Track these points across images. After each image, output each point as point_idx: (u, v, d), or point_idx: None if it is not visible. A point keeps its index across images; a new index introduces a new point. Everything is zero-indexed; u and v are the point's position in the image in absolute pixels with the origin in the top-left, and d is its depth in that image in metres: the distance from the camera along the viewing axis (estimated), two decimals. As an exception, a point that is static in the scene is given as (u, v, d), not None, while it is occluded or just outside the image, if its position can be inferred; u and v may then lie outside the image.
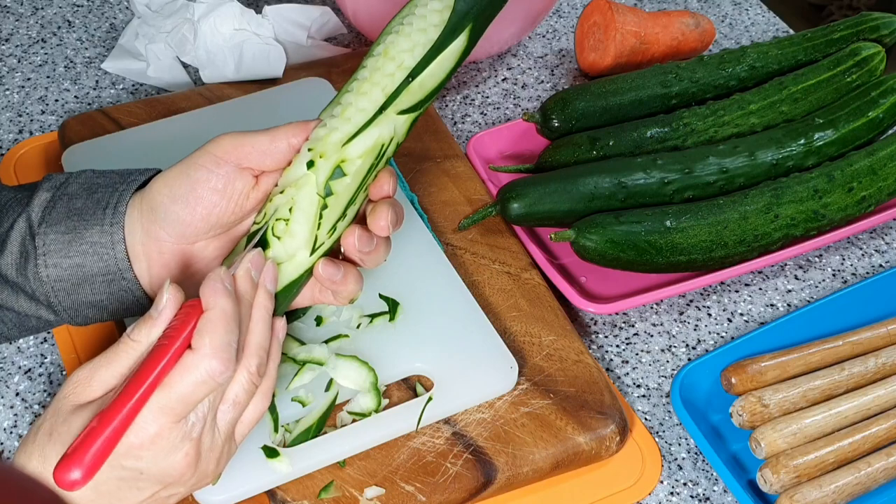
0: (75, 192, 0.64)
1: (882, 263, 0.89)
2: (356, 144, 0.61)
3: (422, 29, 0.62)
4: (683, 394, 0.75)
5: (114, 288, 0.63)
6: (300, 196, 0.61)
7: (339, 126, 0.61)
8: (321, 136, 0.61)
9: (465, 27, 0.63)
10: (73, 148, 0.85)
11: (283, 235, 0.61)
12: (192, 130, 0.87)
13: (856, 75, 0.91)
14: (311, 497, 0.67)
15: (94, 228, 0.62)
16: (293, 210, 0.61)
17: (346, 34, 1.05)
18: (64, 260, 0.62)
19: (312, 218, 0.61)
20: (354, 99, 0.62)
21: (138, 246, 0.62)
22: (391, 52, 0.62)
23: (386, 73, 0.62)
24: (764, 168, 0.85)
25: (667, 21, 1.00)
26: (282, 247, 0.61)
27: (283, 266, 0.61)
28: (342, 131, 0.61)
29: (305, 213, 0.61)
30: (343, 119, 0.62)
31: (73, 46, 1.03)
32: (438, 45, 0.62)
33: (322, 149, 0.61)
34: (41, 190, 0.64)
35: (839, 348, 0.78)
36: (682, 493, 0.73)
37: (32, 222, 0.63)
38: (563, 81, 1.03)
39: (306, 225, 0.61)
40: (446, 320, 0.74)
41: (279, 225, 0.61)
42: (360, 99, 0.62)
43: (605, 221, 0.80)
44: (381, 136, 0.62)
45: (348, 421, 0.69)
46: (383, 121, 0.62)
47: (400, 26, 0.63)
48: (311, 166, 0.61)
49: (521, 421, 0.71)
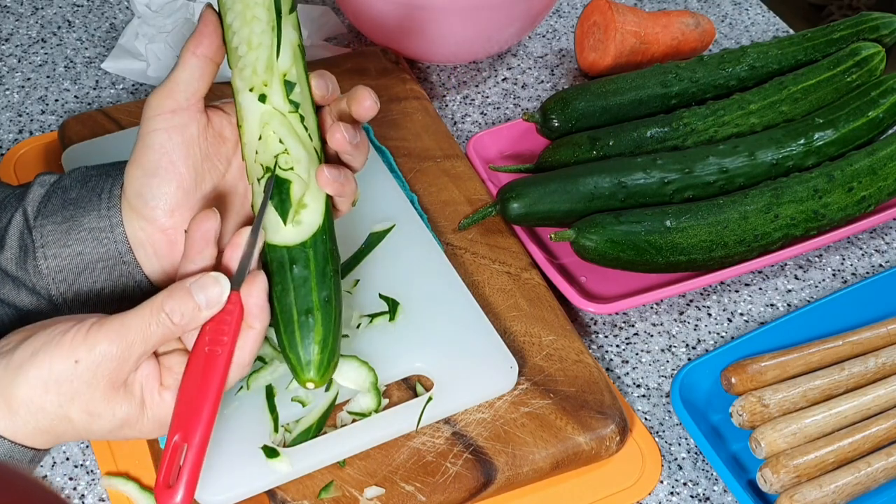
0: (69, 184, 0.64)
1: (882, 263, 0.89)
2: (282, 56, 0.61)
3: None
4: (683, 394, 0.75)
5: (114, 274, 0.63)
6: (277, 126, 0.61)
7: (257, 55, 0.61)
8: (247, 74, 0.61)
9: None
10: (73, 148, 0.85)
11: (293, 164, 0.61)
12: (192, 130, 0.87)
13: (856, 75, 0.91)
14: (311, 497, 0.67)
15: (91, 214, 0.62)
16: (284, 140, 0.61)
17: (346, 34, 1.05)
18: (63, 249, 0.62)
19: (301, 134, 0.62)
20: (247, 31, 0.61)
21: (140, 233, 0.62)
22: None
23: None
24: (764, 168, 0.85)
25: (667, 21, 1.00)
26: (297, 176, 0.61)
27: (308, 193, 0.62)
28: (262, 56, 0.61)
29: (292, 135, 0.61)
30: (252, 48, 0.61)
31: (73, 46, 1.03)
32: None
33: (258, 80, 0.61)
34: (35, 186, 0.64)
35: (839, 348, 0.78)
36: (682, 493, 0.73)
37: (28, 216, 0.63)
38: (563, 81, 1.03)
39: (300, 143, 0.62)
40: (446, 320, 0.74)
41: (283, 158, 0.61)
42: (251, 26, 0.61)
43: (605, 221, 0.80)
44: (291, 39, 0.62)
45: (348, 421, 0.69)
46: (284, 27, 0.62)
47: None
48: (264, 99, 0.61)
49: (521, 421, 0.71)
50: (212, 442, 0.66)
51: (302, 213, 0.62)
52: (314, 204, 0.62)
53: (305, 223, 0.61)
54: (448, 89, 1.01)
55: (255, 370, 0.70)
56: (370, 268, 0.78)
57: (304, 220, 0.62)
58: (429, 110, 0.93)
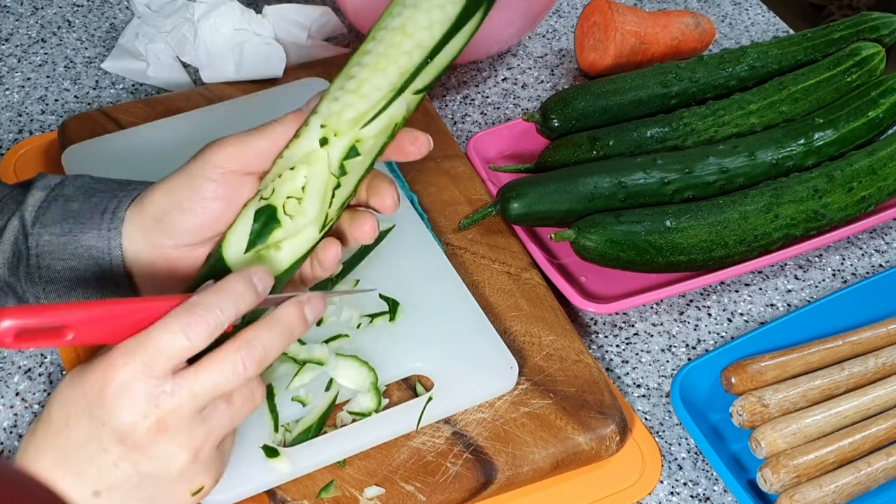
0: (72, 194, 0.63)
1: (882, 263, 0.89)
2: (373, 125, 0.59)
3: (439, 5, 0.59)
4: (683, 394, 0.75)
5: (106, 294, 0.62)
6: (313, 174, 0.59)
7: (353, 103, 0.59)
8: (334, 111, 0.59)
9: (482, 4, 0.60)
10: (73, 148, 0.85)
11: (295, 214, 0.59)
12: (192, 130, 0.87)
13: (856, 75, 0.91)
14: (311, 497, 0.67)
15: (90, 232, 0.61)
16: (306, 188, 0.59)
17: (346, 34, 1.05)
18: (57, 262, 0.61)
19: (325, 197, 0.59)
20: (370, 75, 0.59)
21: (142, 255, 0.61)
22: (409, 28, 0.59)
23: (403, 49, 0.59)
24: (764, 168, 0.85)
25: (667, 21, 1.00)
26: (292, 224, 0.59)
27: (289, 241, 0.60)
28: (356, 109, 0.59)
29: (318, 192, 0.59)
30: (358, 95, 0.59)
31: (73, 46, 1.03)
32: (457, 23, 0.59)
33: (336, 126, 0.59)
34: (35, 189, 0.63)
35: (839, 348, 0.78)
36: (682, 493, 0.73)
37: (25, 222, 0.62)
38: (563, 81, 1.03)
39: (318, 203, 0.59)
40: (446, 320, 0.74)
41: (291, 203, 0.59)
42: (375, 75, 0.59)
43: (605, 221, 0.80)
44: (395, 115, 0.59)
45: (348, 421, 0.69)
46: (400, 100, 0.59)
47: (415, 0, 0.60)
48: (325, 144, 0.59)
49: (521, 421, 0.71)
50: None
51: (270, 253, 0.60)
52: (286, 253, 0.60)
53: (266, 262, 0.60)
54: (448, 89, 1.01)
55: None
56: (370, 268, 0.78)
57: (267, 259, 0.60)
58: (429, 110, 0.93)
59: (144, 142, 0.86)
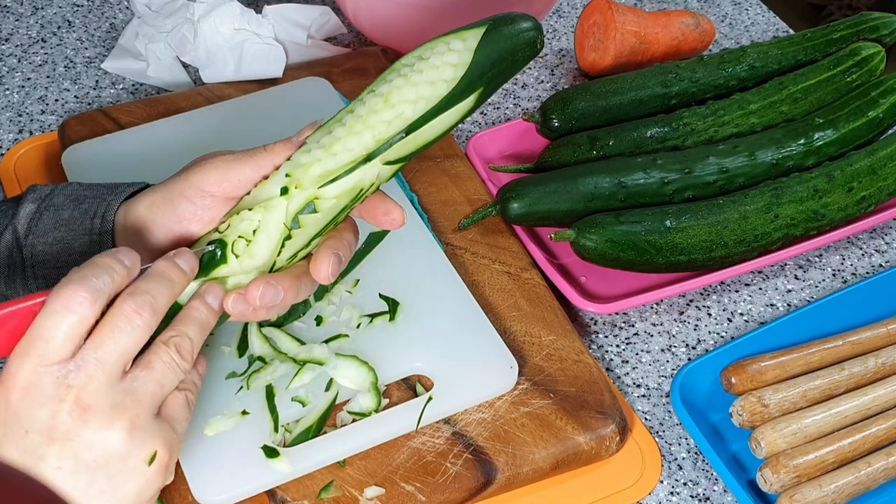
0: (62, 203, 0.64)
1: (882, 263, 0.89)
2: (335, 185, 0.58)
3: (431, 81, 0.58)
4: (683, 394, 0.75)
5: None
6: (267, 220, 0.58)
7: (322, 159, 0.58)
8: (302, 163, 0.59)
9: (476, 89, 0.59)
10: (73, 148, 0.85)
11: (243, 255, 0.59)
12: (192, 130, 0.87)
13: (856, 75, 0.91)
14: (311, 497, 0.67)
15: (82, 238, 0.62)
16: (257, 232, 0.58)
17: (346, 34, 1.05)
18: (52, 271, 0.62)
19: (275, 245, 0.59)
20: (345, 135, 0.59)
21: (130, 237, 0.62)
22: (393, 98, 0.58)
23: (382, 118, 0.58)
24: (764, 168, 0.85)
25: (667, 21, 1.00)
26: (238, 264, 0.59)
27: (233, 279, 0.59)
28: (323, 166, 0.58)
29: (269, 238, 0.59)
30: (328, 153, 0.58)
31: (73, 46, 1.03)
32: (444, 104, 0.59)
33: (300, 178, 0.58)
34: (26, 202, 0.64)
35: (839, 348, 0.78)
36: (682, 493, 0.73)
37: (19, 234, 0.63)
38: (563, 81, 1.03)
39: (267, 249, 0.59)
40: (446, 320, 0.74)
41: (240, 243, 0.59)
42: (350, 137, 0.58)
43: (605, 221, 0.80)
44: (362, 180, 0.59)
45: (348, 421, 0.69)
46: (368, 167, 0.58)
47: (410, 71, 0.59)
48: (285, 193, 0.58)
49: (521, 421, 0.71)
50: (212, 442, 0.67)
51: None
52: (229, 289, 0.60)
53: None
54: (448, 89, 1.01)
55: (255, 370, 0.70)
56: (370, 268, 0.78)
57: None
58: (429, 110, 0.93)
59: (144, 142, 0.86)
